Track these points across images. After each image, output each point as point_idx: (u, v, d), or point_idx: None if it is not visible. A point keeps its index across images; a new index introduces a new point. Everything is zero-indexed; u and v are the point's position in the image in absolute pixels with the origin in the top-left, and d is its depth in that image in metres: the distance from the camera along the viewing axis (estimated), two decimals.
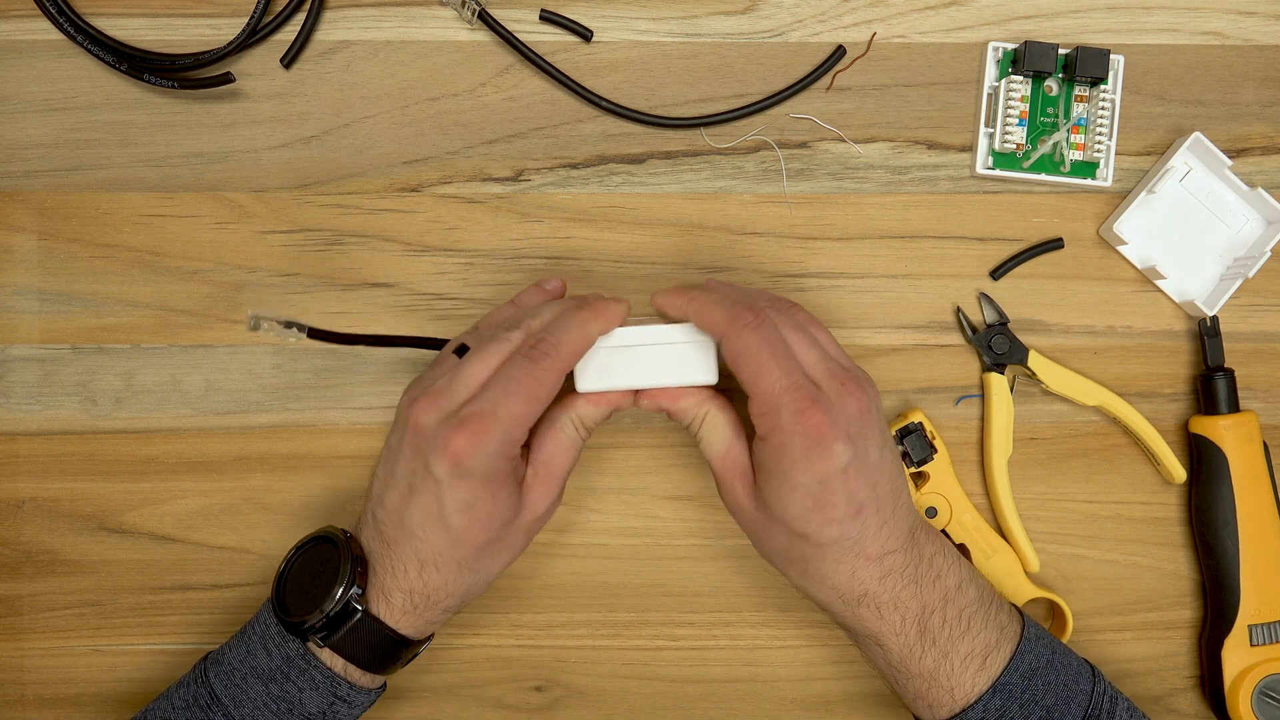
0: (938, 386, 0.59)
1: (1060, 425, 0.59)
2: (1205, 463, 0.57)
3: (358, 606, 0.48)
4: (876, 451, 0.48)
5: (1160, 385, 0.59)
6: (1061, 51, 0.57)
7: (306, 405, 0.58)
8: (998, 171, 0.58)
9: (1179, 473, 0.57)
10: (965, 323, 0.58)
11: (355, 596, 0.48)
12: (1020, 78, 0.57)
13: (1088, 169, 0.58)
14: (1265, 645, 0.56)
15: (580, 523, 0.59)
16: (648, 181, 0.58)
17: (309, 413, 0.58)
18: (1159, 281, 0.58)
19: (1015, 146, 0.58)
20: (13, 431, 0.58)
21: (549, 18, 0.58)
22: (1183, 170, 0.58)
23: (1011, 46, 0.58)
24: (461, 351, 0.50)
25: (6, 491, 0.58)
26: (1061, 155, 0.58)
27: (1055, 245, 0.58)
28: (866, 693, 0.59)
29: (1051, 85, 0.58)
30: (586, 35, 0.58)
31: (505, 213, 0.58)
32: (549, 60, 0.57)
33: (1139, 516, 0.59)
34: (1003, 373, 0.58)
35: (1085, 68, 0.56)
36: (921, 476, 0.57)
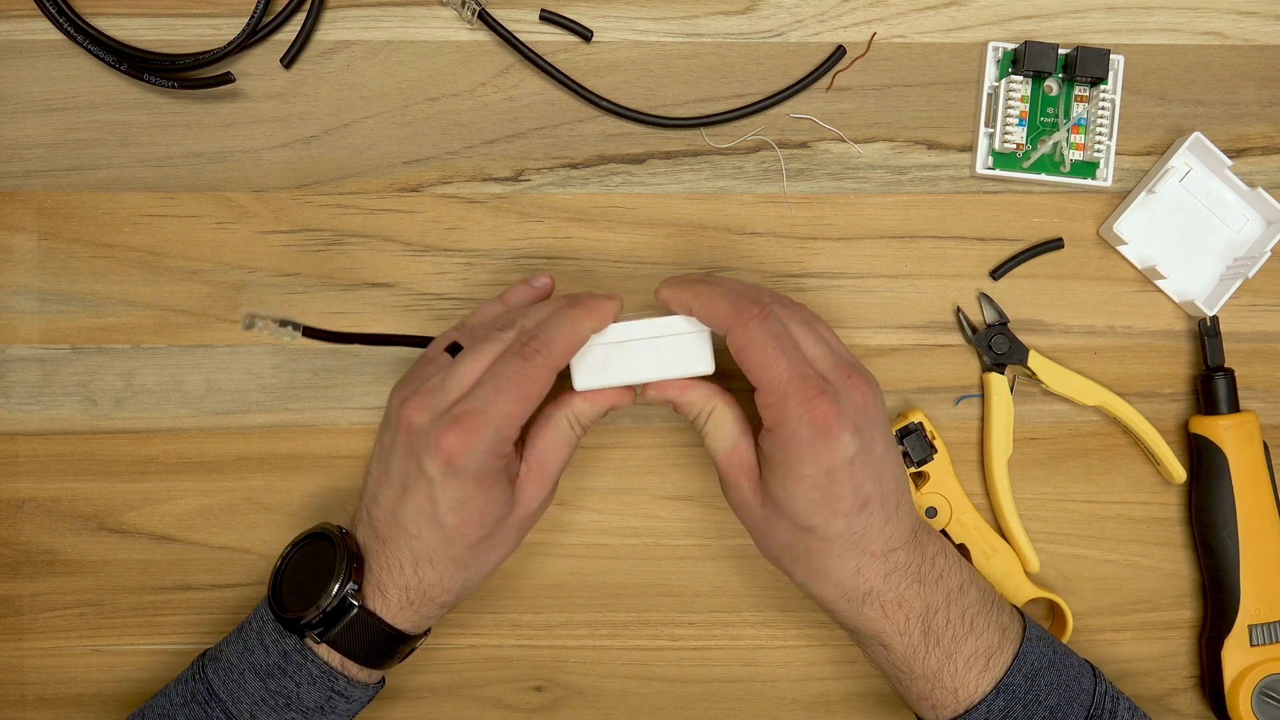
0: (938, 386, 0.59)
1: (1060, 425, 0.59)
2: (1205, 463, 0.57)
3: (354, 602, 0.48)
4: (881, 446, 0.48)
5: (1160, 385, 0.59)
6: (1061, 51, 0.57)
7: (306, 405, 0.58)
8: (998, 171, 0.58)
9: (1179, 473, 0.57)
10: (965, 323, 0.58)
11: (351, 592, 0.48)
12: (1020, 78, 0.57)
13: (1088, 169, 0.58)
14: (1265, 645, 0.56)
15: (580, 523, 0.59)
16: (648, 181, 0.58)
17: (309, 413, 0.58)
18: (1159, 281, 0.58)
19: (1015, 146, 0.58)
20: (13, 431, 0.58)
21: (549, 18, 0.58)
22: (1183, 170, 0.58)
23: (1011, 46, 0.58)
24: (454, 350, 0.50)
25: (6, 491, 0.58)
26: (1061, 155, 0.58)
27: (1055, 245, 0.58)
28: (866, 693, 0.59)
29: (1051, 85, 0.58)
30: (586, 35, 0.58)
31: (505, 213, 0.58)
32: (549, 60, 0.57)
33: (1139, 516, 0.59)
34: (1003, 373, 0.58)
35: (1085, 68, 0.56)
36: (921, 476, 0.57)
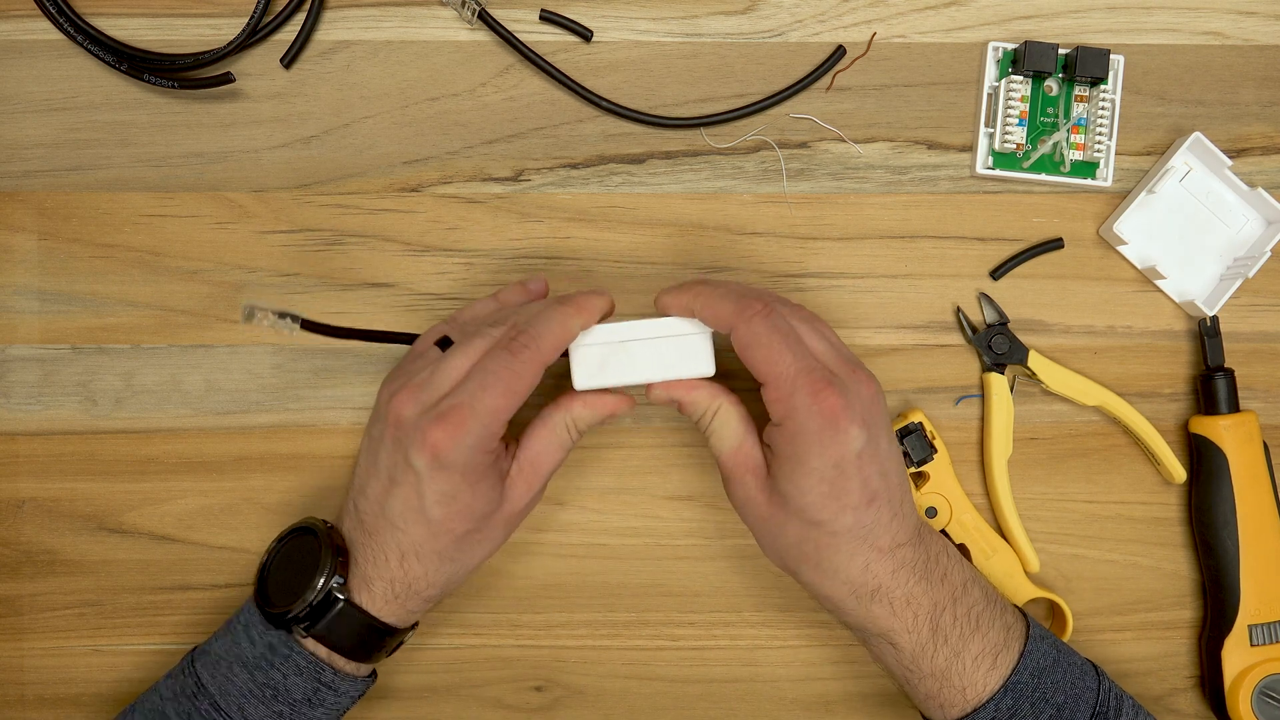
0: (938, 386, 0.59)
1: (1060, 425, 0.59)
2: (1205, 463, 0.57)
3: (339, 596, 0.48)
4: (885, 442, 0.48)
5: (1160, 385, 0.59)
6: (1061, 51, 0.57)
7: (306, 405, 0.58)
8: (998, 171, 0.58)
9: (1179, 473, 0.57)
10: (965, 323, 0.58)
11: (337, 586, 0.48)
12: (1020, 78, 0.57)
13: (1088, 169, 0.58)
14: (1265, 645, 0.56)
15: (580, 523, 0.59)
16: (648, 181, 0.58)
17: (309, 413, 0.58)
18: (1159, 281, 0.58)
19: (1015, 146, 0.58)
20: (13, 431, 0.58)
21: (549, 18, 0.58)
22: (1183, 170, 0.58)
23: (1011, 46, 0.58)
24: (444, 344, 0.50)
25: (6, 491, 0.58)
26: (1061, 155, 0.58)
27: (1055, 245, 0.58)
28: (866, 693, 0.59)
29: (1051, 85, 0.58)
30: (586, 35, 0.58)
31: (505, 213, 0.58)
32: (549, 60, 0.57)
33: (1139, 516, 0.59)
34: (1003, 373, 0.58)
35: (1085, 68, 0.56)
36: (921, 476, 0.57)
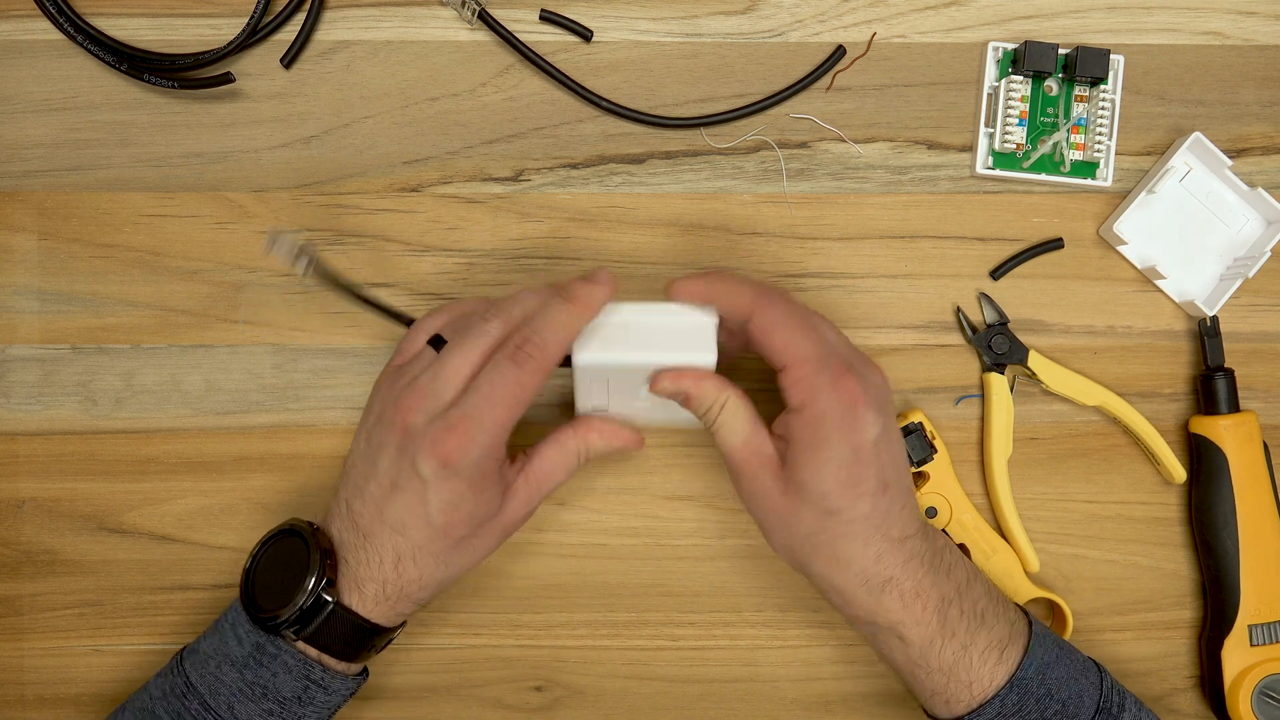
0: (938, 386, 0.59)
1: (1060, 425, 0.59)
2: (1205, 463, 0.57)
3: (329, 598, 0.48)
4: (895, 432, 0.49)
5: (1160, 385, 0.59)
6: (1061, 51, 0.57)
7: (306, 405, 0.58)
8: (998, 171, 0.58)
9: (1179, 473, 0.57)
10: (965, 323, 0.58)
11: (326, 588, 0.48)
12: (1020, 78, 0.57)
13: (1088, 169, 0.58)
14: (1265, 645, 0.56)
15: (580, 523, 0.58)
16: (648, 181, 0.58)
17: (309, 413, 0.58)
18: (1159, 281, 0.58)
19: (1015, 146, 0.58)
20: (13, 431, 0.58)
21: (549, 18, 0.58)
22: (1183, 170, 0.58)
23: (1011, 46, 0.58)
24: (435, 343, 0.50)
25: (6, 491, 0.58)
26: (1061, 155, 0.58)
27: (1055, 245, 0.58)
28: (866, 693, 0.59)
29: (1051, 85, 0.58)
30: (586, 35, 0.58)
31: (505, 213, 0.58)
32: (549, 60, 0.57)
33: (1139, 516, 0.59)
34: (1003, 373, 0.58)
35: (1085, 68, 0.56)
36: (921, 476, 0.57)
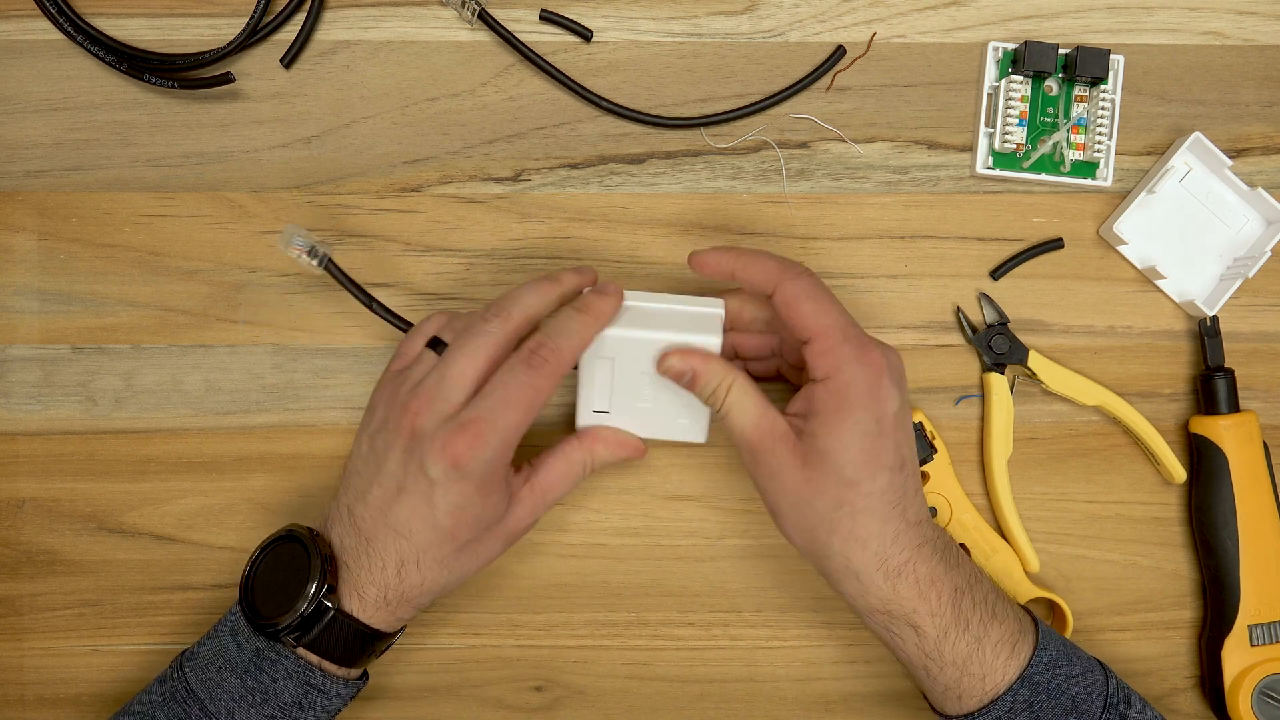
0: (938, 386, 0.59)
1: (1060, 425, 0.59)
2: (1205, 463, 0.57)
3: (329, 605, 0.48)
4: (910, 412, 0.50)
5: (1160, 385, 0.59)
6: (1061, 51, 0.57)
7: (306, 405, 0.58)
8: (998, 171, 0.58)
9: (1179, 473, 0.57)
10: (965, 323, 0.58)
11: (326, 595, 0.48)
12: (1020, 78, 0.57)
13: (1088, 169, 0.58)
14: (1265, 645, 0.56)
15: (580, 523, 0.59)
16: (648, 181, 0.58)
17: (309, 413, 0.58)
18: (1159, 281, 0.58)
19: (1015, 146, 0.58)
20: (13, 431, 0.58)
21: (549, 18, 0.58)
22: (1183, 170, 0.58)
23: (1011, 46, 0.58)
24: (435, 344, 0.50)
25: (6, 491, 0.58)
26: (1061, 155, 0.58)
27: (1055, 245, 0.58)
28: (866, 693, 0.59)
29: (1051, 85, 0.58)
30: (586, 35, 0.58)
31: (505, 213, 0.58)
32: (549, 60, 0.57)
33: (1139, 516, 0.59)
34: (1003, 373, 0.58)
35: (1085, 68, 0.56)
36: (922, 476, 0.57)
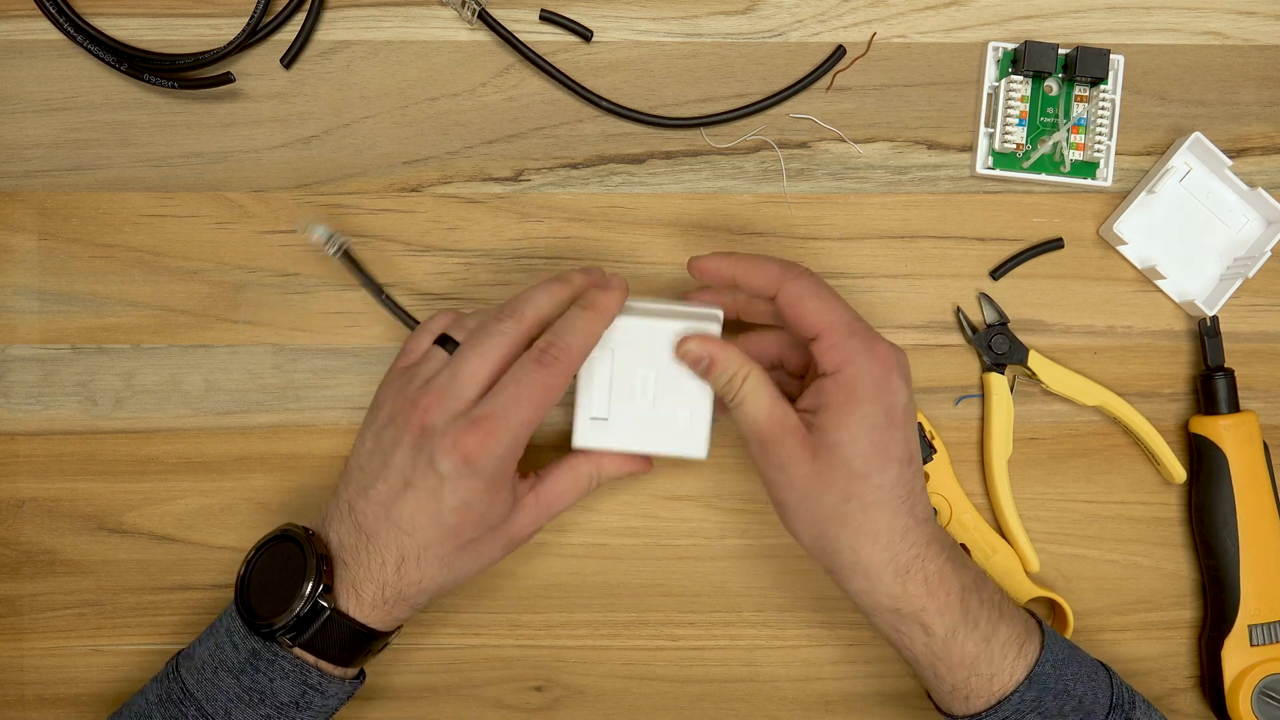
0: (938, 386, 0.59)
1: (1060, 425, 0.59)
2: (1205, 463, 0.57)
3: (325, 604, 0.47)
4: (915, 409, 0.50)
5: (1160, 385, 0.59)
6: (1061, 51, 0.57)
7: (306, 405, 0.58)
8: (998, 171, 0.58)
9: (1179, 473, 0.57)
10: (965, 323, 0.58)
11: (322, 594, 0.48)
12: (1020, 78, 0.57)
13: (1088, 169, 0.58)
14: (1265, 645, 0.56)
15: (580, 523, 0.59)
16: (648, 181, 0.58)
17: (309, 413, 0.58)
18: (1159, 281, 0.58)
19: (1015, 146, 0.58)
20: (13, 431, 0.58)
21: (549, 18, 0.58)
22: (1183, 170, 0.58)
23: (1011, 46, 0.58)
24: (443, 341, 0.50)
25: (6, 491, 0.58)
26: (1061, 155, 0.58)
27: (1055, 245, 0.58)
28: (866, 693, 0.59)
29: (1051, 85, 0.58)
30: (586, 35, 0.58)
31: (505, 213, 0.58)
32: (549, 60, 0.57)
33: (1139, 516, 0.59)
34: (1003, 373, 0.58)
35: (1085, 68, 0.56)
36: None
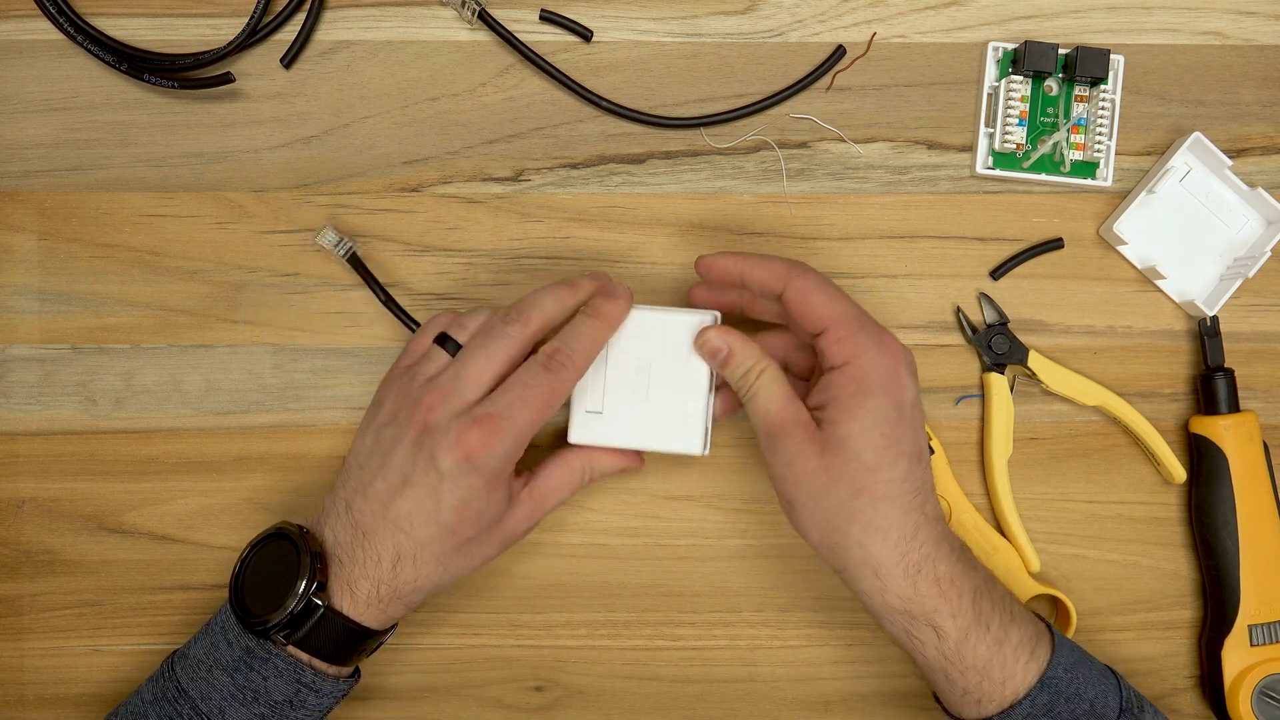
0: (938, 386, 0.59)
1: (1060, 425, 0.59)
2: (1205, 463, 0.57)
3: (319, 602, 0.48)
4: (921, 405, 0.50)
5: (1160, 385, 0.59)
6: (1061, 51, 0.57)
7: (306, 405, 0.58)
8: (998, 171, 0.58)
9: (1179, 473, 0.57)
10: (965, 323, 0.58)
11: (316, 592, 0.48)
12: (1020, 78, 0.57)
13: (1088, 169, 0.58)
14: (1265, 645, 0.56)
15: (580, 523, 0.59)
16: (648, 181, 0.58)
17: (309, 413, 0.58)
18: (1159, 281, 0.58)
19: (1015, 146, 0.58)
20: (13, 431, 0.58)
21: (549, 18, 0.58)
22: (1183, 170, 0.58)
23: (1011, 46, 0.58)
24: (443, 341, 0.50)
25: (6, 491, 0.58)
26: (1061, 155, 0.58)
27: (1055, 245, 0.58)
28: (866, 693, 0.59)
29: (1051, 85, 0.58)
30: (586, 35, 0.58)
31: (505, 213, 0.58)
32: (549, 60, 0.57)
33: (1139, 516, 0.59)
34: (1003, 373, 0.58)
35: (1085, 68, 0.56)
36: None
